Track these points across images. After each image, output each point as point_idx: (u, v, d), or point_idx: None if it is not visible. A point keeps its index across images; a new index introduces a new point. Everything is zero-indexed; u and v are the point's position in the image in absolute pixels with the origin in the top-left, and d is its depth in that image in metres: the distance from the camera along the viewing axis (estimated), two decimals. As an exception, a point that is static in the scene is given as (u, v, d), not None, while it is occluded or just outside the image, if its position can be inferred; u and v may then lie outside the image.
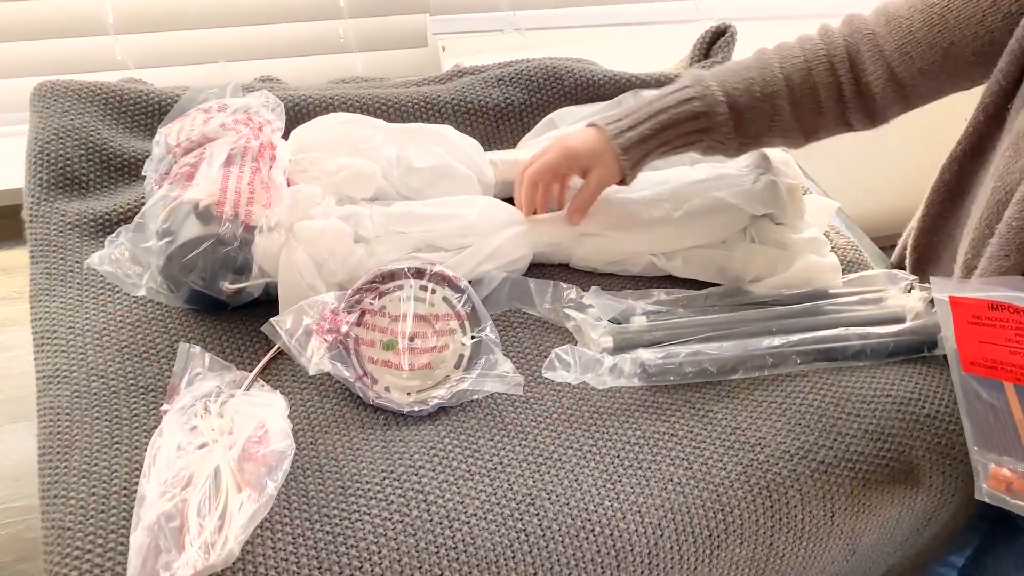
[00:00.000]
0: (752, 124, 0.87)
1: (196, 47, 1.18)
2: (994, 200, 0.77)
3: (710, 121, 0.86)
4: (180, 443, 0.68)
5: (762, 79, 0.86)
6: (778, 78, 0.86)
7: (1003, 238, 0.75)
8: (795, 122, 0.87)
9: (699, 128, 0.86)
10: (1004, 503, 0.66)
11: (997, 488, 0.67)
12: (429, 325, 0.80)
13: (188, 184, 0.81)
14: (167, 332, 0.83)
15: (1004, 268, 0.76)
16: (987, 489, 0.67)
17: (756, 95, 0.86)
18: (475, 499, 0.71)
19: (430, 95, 1.03)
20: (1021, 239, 0.74)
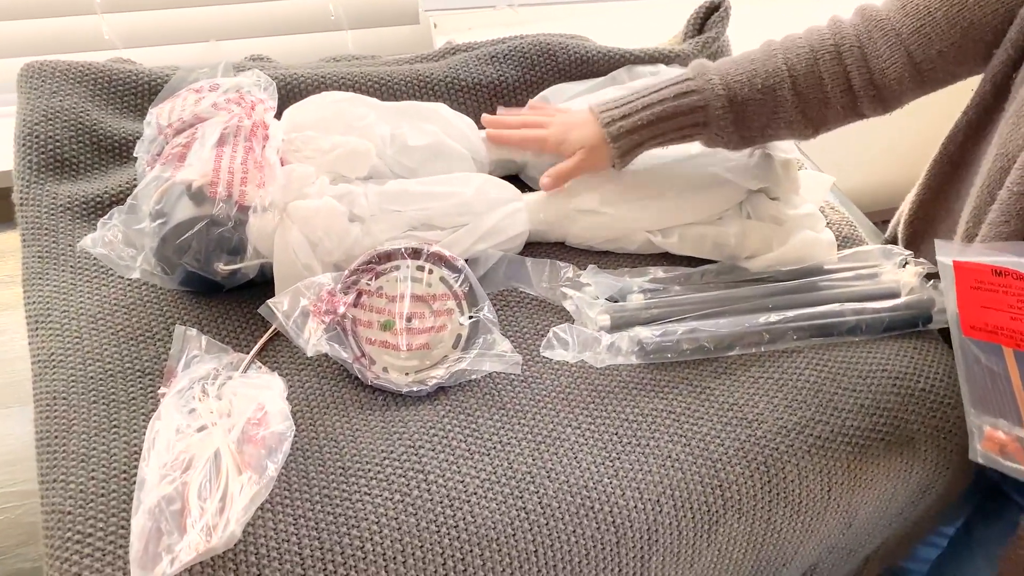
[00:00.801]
0: (753, 118, 0.86)
1: (185, 26, 1.17)
2: (996, 167, 0.77)
3: (707, 115, 0.85)
4: (179, 426, 0.68)
5: (765, 71, 0.85)
6: (781, 69, 0.85)
7: (1004, 204, 0.75)
8: (800, 115, 0.86)
9: (696, 122, 0.86)
10: (997, 464, 0.67)
11: (991, 450, 0.68)
12: (426, 305, 0.79)
13: (180, 165, 0.80)
14: (163, 315, 0.82)
15: (1004, 234, 0.76)
16: (981, 450, 0.68)
17: (758, 87, 0.85)
18: (475, 478, 0.71)
19: (423, 73, 1.02)
20: (1022, 205, 0.74)
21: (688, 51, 1.11)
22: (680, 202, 0.92)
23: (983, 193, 0.79)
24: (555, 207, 0.92)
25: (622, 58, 1.08)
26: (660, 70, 1.09)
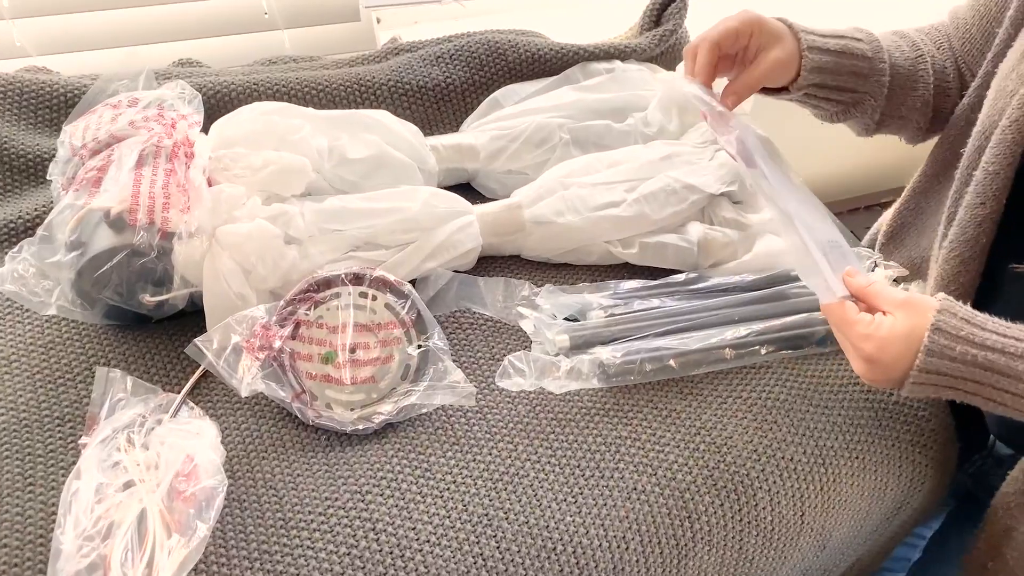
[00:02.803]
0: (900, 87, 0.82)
1: (106, 30, 1.09)
2: (975, 147, 0.75)
3: (872, 67, 0.80)
4: (99, 485, 0.62)
5: (907, 44, 0.83)
6: (920, 46, 0.83)
7: (979, 185, 0.73)
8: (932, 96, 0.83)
9: (861, 71, 0.80)
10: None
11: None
12: (371, 335, 0.74)
13: (95, 190, 0.73)
14: (84, 354, 0.76)
15: (980, 217, 0.74)
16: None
17: (906, 54, 0.82)
18: (428, 524, 0.66)
19: (364, 76, 0.96)
20: (996, 186, 0.72)
21: (645, 45, 1.06)
22: (639, 210, 0.87)
23: (963, 174, 0.77)
24: (509, 218, 0.87)
25: (576, 55, 1.03)
26: (616, 66, 1.04)
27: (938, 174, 0.88)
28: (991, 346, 0.60)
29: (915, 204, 0.92)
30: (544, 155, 0.94)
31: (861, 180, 1.74)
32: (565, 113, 0.96)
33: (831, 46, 0.78)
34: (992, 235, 0.75)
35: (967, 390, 0.62)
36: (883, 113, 0.82)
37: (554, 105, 0.96)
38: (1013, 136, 0.70)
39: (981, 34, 0.80)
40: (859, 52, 0.79)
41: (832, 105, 0.82)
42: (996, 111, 0.72)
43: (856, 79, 0.79)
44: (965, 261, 0.76)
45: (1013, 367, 0.60)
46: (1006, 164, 0.71)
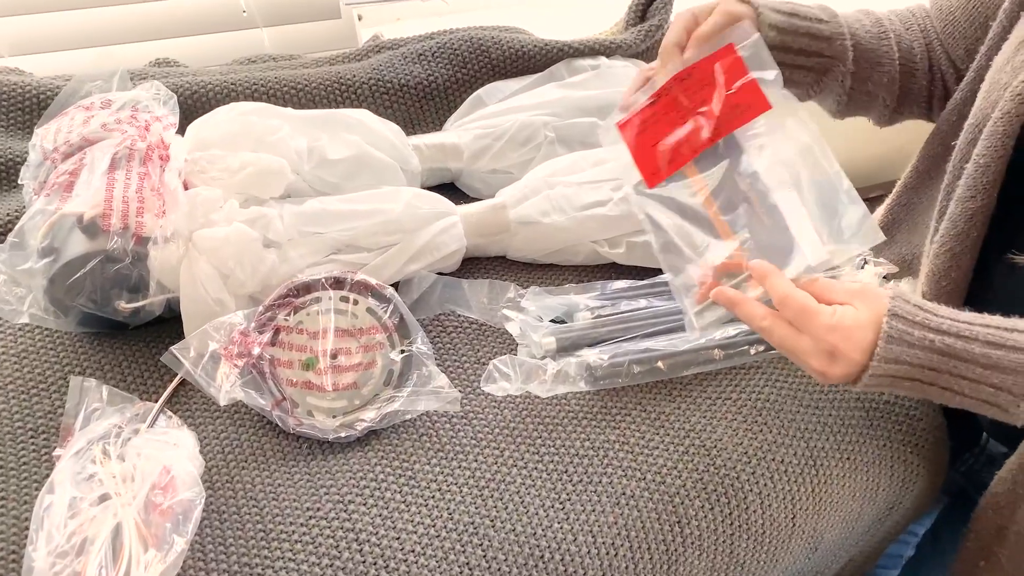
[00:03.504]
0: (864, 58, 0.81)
1: (80, 29, 1.06)
2: (967, 140, 0.74)
3: (832, 29, 0.79)
4: (73, 499, 0.60)
5: (870, 21, 0.82)
6: (884, 24, 0.82)
7: (970, 178, 0.72)
8: (898, 74, 0.82)
9: (821, 34, 0.78)
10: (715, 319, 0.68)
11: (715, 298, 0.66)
12: (353, 340, 0.72)
13: (68, 195, 0.71)
14: (58, 362, 0.74)
15: (971, 211, 0.72)
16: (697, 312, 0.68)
17: (867, 28, 0.81)
18: (412, 533, 0.65)
19: (344, 75, 0.94)
20: (987, 179, 0.71)
21: (630, 41, 1.05)
22: (626, 209, 0.86)
23: (955, 167, 0.76)
24: (494, 219, 0.85)
25: (560, 51, 1.01)
26: (601, 63, 1.02)
27: (929, 169, 0.87)
28: (947, 330, 0.60)
29: (906, 200, 0.91)
30: (529, 154, 0.92)
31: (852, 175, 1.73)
32: (550, 111, 0.94)
33: (782, 8, 0.77)
34: (983, 229, 0.74)
35: (924, 379, 0.61)
36: (852, 86, 0.81)
37: (539, 103, 0.95)
38: (1004, 128, 0.69)
39: (966, 17, 0.79)
40: (811, 15, 0.78)
41: (803, 73, 0.80)
42: (989, 104, 0.71)
43: (817, 41, 0.78)
44: (956, 256, 0.75)
45: (970, 350, 0.59)
46: (997, 157, 0.70)
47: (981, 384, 0.59)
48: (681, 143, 0.70)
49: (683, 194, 0.70)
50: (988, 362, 0.59)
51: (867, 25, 0.82)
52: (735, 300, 0.65)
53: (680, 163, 0.70)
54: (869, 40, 0.81)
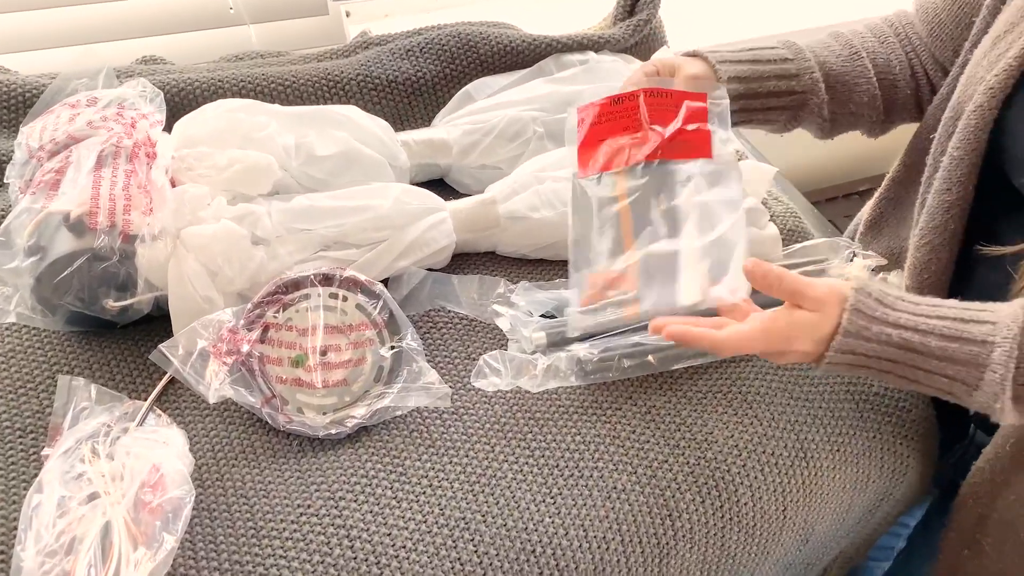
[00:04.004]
0: (839, 83, 0.82)
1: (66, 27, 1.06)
2: (944, 133, 0.75)
3: (798, 66, 0.80)
4: (61, 499, 0.60)
5: (839, 44, 0.83)
6: (855, 44, 0.83)
7: (946, 171, 0.73)
8: (879, 90, 0.83)
9: (788, 72, 0.79)
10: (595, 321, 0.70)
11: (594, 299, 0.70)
12: (343, 336, 0.72)
13: (54, 193, 0.71)
14: (46, 362, 0.74)
15: (948, 203, 0.73)
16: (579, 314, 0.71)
17: (837, 53, 0.82)
18: (403, 529, 0.65)
19: (332, 71, 0.94)
20: (961, 171, 0.72)
21: (619, 35, 1.05)
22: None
23: (933, 160, 0.76)
24: (483, 214, 0.85)
25: (549, 46, 1.01)
26: (590, 58, 1.02)
27: (916, 163, 0.87)
28: (904, 324, 0.61)
29: (894, 194, 0.91)
30: (518, 149, 0.92)
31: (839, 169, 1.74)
32: (539, 106, 0.94)
33: (742, 57, 0.78)
34: (961, 222, 0.74)
35: (881, 368, 0.62)
36: (832, 111, 0.82)
37: (527, 98, 0.95)
38: (976, 122, 0.70)
39: (951, 19, 0.80)
40: (775, 56, 0.79)
41: (777, 113, 0.82)
42: (966, 97, 0.72)
43: (785, 80, 0.79)
44: (935, 248, 0.75)
45: (927, 344, 0.60)
46: (970, 150, 0.70)
47: (937, 375, 0.61)
48: (622, 149, 0.74)
49: (607, 197, 0.73)
50: (944, 355, 0.60)
51: (837, 50, 0.82)
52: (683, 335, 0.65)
53: (616, 165, 0.74)
54: (841, 64, 0.81)
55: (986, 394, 0.59)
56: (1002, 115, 0.69)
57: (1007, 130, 0.69)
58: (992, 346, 0.58)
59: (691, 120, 0.74)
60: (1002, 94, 0.68)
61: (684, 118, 0.74)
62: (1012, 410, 0.59)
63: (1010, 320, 0.59)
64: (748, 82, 0.77)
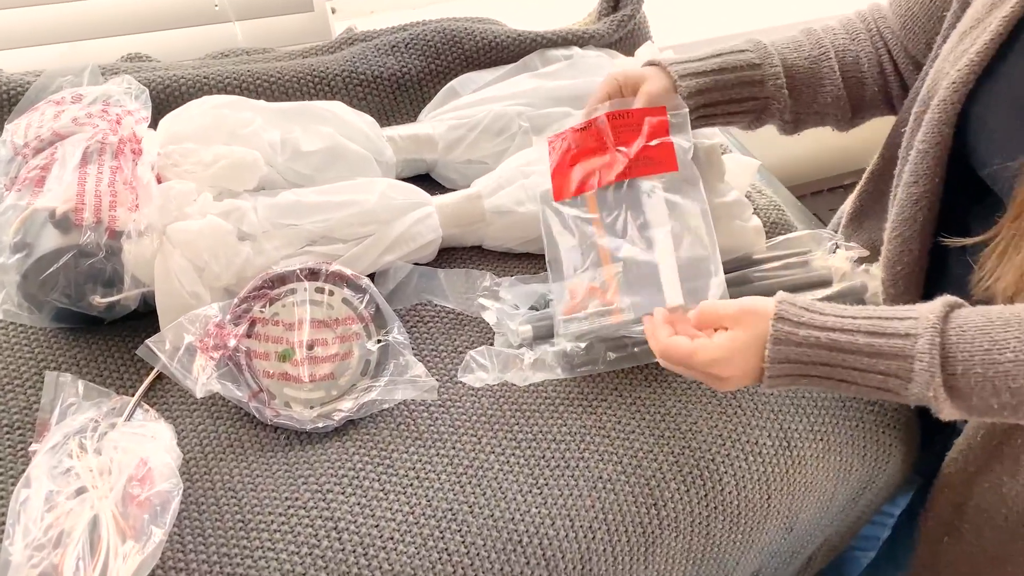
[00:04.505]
0: (805, 85, 0.82)
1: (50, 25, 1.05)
2: (912, 128, 0.76)
3: (764, 72, 0.80)
4: (49, 492, 0.60)
5: (809, 43, 0.83)
6: (824, 43, 0.83)
7: (913, 164, 0.74)
8: (844, 90, 0.83)
9: (753, 79, 0.80)
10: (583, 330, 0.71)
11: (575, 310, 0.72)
12: (329, 330, 0.72)
13: (39, 190, 0.71)
14: (33, 358, 0.74)
15: (915, 196, 0.74)
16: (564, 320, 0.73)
17: (805, 54, 0.82)
18: (391, 521, 0.65)
19: (317, 67, 0.94)
20: (926, 164, 0.73)
21: (603, 31, 1.05)
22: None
23: (903, 154, 0.77)
24: (469, 209, 0.86)
25: (533, 42, 1.02)
26: (575, 53, 1.03)
27: (892, 157, 0.88)
28: (831, 326, 0.62)
29: (873, 187, 0.92)
30: (503, 144, 0.93)
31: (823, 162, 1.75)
32: (524, 101, 0.95)
33: (706, 67, 0.79)
34: (930, 214, 0.75)
35: (819, 374, 0.63)
36: (795, 113, 0.83)
37: (512, 93, 0.95)
38: (940, 116, 0.71)
39: (924, 13, 0.80)
40: (740, 63, 0.80)
41: (740, 117, 0.83)
42: (932, 92, 0.73)
43: (750, 87, 0.80)
44: (906, 240, 0.77)
45: (854, 341, 0.61)
46: (934, 143, 0.72)
47: (870, 373, 0.61)
48: (592, 172, 0.77)
49: (580, 218, 0.76)
50: (871, 350, 0.60)
51: (805, 50, 0.83)
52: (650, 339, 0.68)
53: (587, 188, 0.76)
54: (808, 66, 0.82)
55: (919, 385, 0.59)
56: (966, 109, 0.70)
57: (971, 124, 0.70)
58: (915, 337, 0.59)
59: (654, 135, 0.76)
60: (965, 88, 0.69)
61: (647, 135, 0.76)
62: (949, 402, 0.60)
63: (929, 312, 0.60)
64: (710, 93, 0.79)
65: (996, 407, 0.59)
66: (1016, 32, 0.69)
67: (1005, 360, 0.57)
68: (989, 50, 0.69)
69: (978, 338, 0.58)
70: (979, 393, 0.58)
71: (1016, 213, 0.64)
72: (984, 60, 0.69)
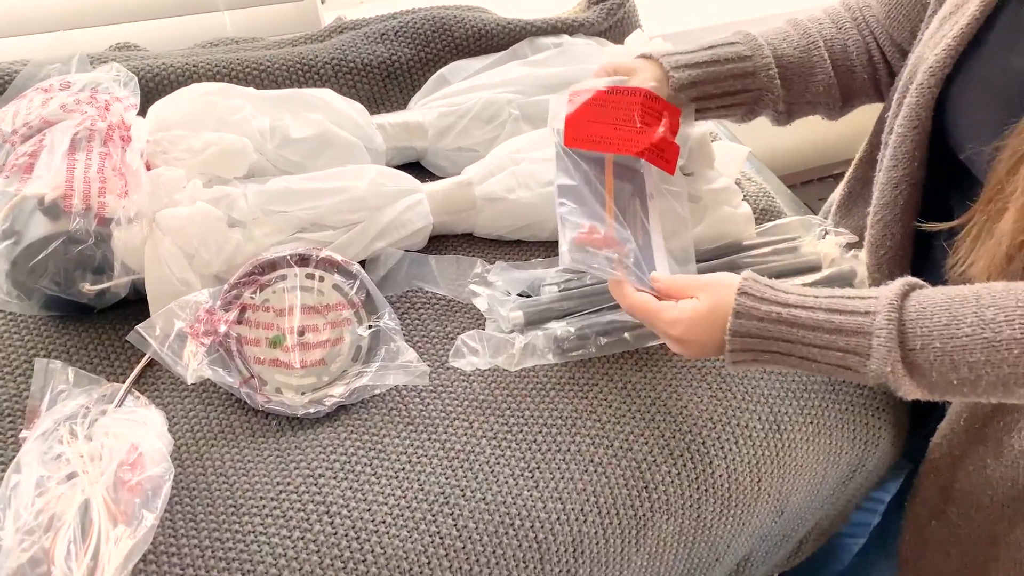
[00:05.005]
0: (796, 75, 0.82)
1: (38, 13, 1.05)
2: (893, 113, 0.77)
3: (755, 64, 0.80)
4: (40, 478, 0.60)
5: (797, 33, 0.84)
6: (812, 32, 0.84)
7: (892, 148, 0.75)
8: (834, 79, 0.84)
9: (745, 71, 0.80)
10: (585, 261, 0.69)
11: (584, 241, 0.70)
12: (320, 316, 0.72)
13: (27, 177, 0.71)
14: (23, 346, 0.74)
15: (895, 179, 0.75)
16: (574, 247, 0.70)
17: (794, 44, 0.83)
18: (383, 505, 0.65)
19: (307, 55, 0.94)
20: (905, 148, 0.73)
21: (593, 19, 1.06)
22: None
23: (885, 139, 0.78)
24: (460, 196, 0.86)
25: (523, 30, 1.02)
26: (564, 41, 1.03)
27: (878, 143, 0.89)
28: (792, 303, 0.63)
29: (861, 173, 0.93)
30: (494, 131, 0.93)
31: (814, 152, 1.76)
32: (514, 88, 0.95)
33: (699, 59, 0.79)
34: (911, 198, 0.76)
35: (780, 351, 0.63)
36: (788, 103, 0.83)
37: (502, 80, 0.95)
38: (918, 100, 0.71)
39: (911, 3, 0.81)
40: (732, 55, 0.80)
41: (734, 110, 0.83)
42: (912, 76, 0.74)
43: (742, 79, 0.80)
44: (887, 224, 0.77)
45: (814, 318, 0.61)
46: (912, 127, 0.72)
47: (829, 350, 0.62)
48: (611, 136, 0.76)
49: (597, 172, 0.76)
50: (831, 326, 0.61)
51: (794, 40, 0.83)
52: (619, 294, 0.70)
53: (600, 148, 0.76)
54: (798, 56, 0.82)
55: (877, 361, 0.60)
56: (944, 93, 0.71)
57: (949, 108, 0.71)
58: (874, 315, 0.60)
59: (671, 132, 0.77)
60: (942, 72, 0.70)
61: (667, 128, 0.77)
62: (908, 379, 0.60)
63: (888, 291, 0.61)
64: (702, 86, 0.79)
65: (955, 383, 0.59)
66: (992, 17, 0.70)
67: (962, 335, 0.58)
68: (966, 35, 0.70)
69: (937, 314, 0.59)
70: (938, 368, 0.59)
71: (988, 197, 0.65)
72: (961, 45, 0.70)
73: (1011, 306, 0.57)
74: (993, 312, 0.57)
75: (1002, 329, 0.57)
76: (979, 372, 0.58)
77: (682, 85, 0.78)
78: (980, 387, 0.59)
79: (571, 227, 0.70)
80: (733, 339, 0.63)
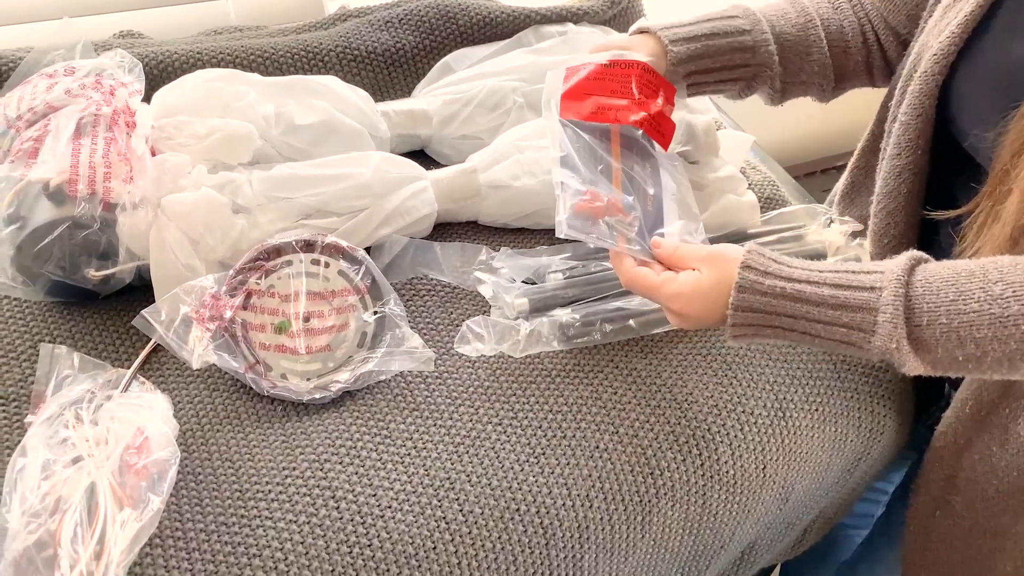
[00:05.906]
0: (793, 53, 0.82)
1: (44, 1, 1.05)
2: (896, 100, 0.77)
3: (755, 39, 0.80)
4: (46, 461, 0.60)
5: (795, 11, 0.83)
6: (809, 11, 0.83)
7: (896, 136, 0.75)
8: (830, 59, 0.83)
9: (744, 45, 0.79)
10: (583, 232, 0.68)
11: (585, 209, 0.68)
12: (325, 302, 0.72)
13: (32, 162, 0.71)
14: (28, 331, 0.74)
15: (898, 168, 0.75)
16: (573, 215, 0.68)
17: (792, 21, 0.82)
18: (389, 490, 0.65)
19: (311, 43, 0.94)
20: (908, 136, 0.73)
21: (597, 7, 1.05)
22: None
23: (888, 127, 0.78)
24: (464, 183, 0.86)
25: (527, 18, 1.01)
26: (569, 29, 1.03)
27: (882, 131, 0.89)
28: (797, 277, 0.62)
29: (864, 162, 0.93)
30: (498, 119, 0.93)
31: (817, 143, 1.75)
32: (518, 76, 0.94)
33: (697, 32, 0.78)
34: (914, 186, 0.75)
35: (783, 326, 0.63)
36: (783, 81, 0.83)
37: (507, 68, 0.95)
38: (922, 87, 0.71)
39: None
40: (731, 28, 0.79)
41: (730, 84, 0.82)
42: (916, 64, 0.74)
43: (741, 54, 0.80)
44: (891, 212, 0.77)
45: (819, 293, 0.61)
46: (916, 115, 0.72)
47: (834, 326, 0.61)
48: (611, 108, 0.75)
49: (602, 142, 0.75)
50: (836, 302, 0.60)
51: (792, 18, 0.83)
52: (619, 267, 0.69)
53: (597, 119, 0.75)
54: (795, 34, 0.82)
55: (882, 338, 0.59)
56: (948, 81, 0.71)
57: (953, 96, 0.71)
58: (880, 290, 0.59)
59: (668, 107, 0.77)
60: (946, 60, 0.70)
61: (664, 102, 0.76)
62: (912, 355, 0.60)
63: (894, 266, 0.60)
64: (701, 60, 0.78)
65: (961, 359, 0.59)
66: (996, 4, 0.69)
67: (970, 310, 0.57)
68: (969, 23, 0.69)
69: (944, 289, 0.58)
70: (944, 344, 0.58)
71: (993, 185, 0.65)
72: (965, 32, 0.69)
73: (1019, 281, 0.57)
74: (1001, 288, 0.57)
75: (1009, 304, 0.56)
76: (985, 348, 0.58)
77: (680, 59, 0.77)
78: (985, 363, 0.59)
79: (572, 194, 0.69)
80: (736, 314, 0.63)
